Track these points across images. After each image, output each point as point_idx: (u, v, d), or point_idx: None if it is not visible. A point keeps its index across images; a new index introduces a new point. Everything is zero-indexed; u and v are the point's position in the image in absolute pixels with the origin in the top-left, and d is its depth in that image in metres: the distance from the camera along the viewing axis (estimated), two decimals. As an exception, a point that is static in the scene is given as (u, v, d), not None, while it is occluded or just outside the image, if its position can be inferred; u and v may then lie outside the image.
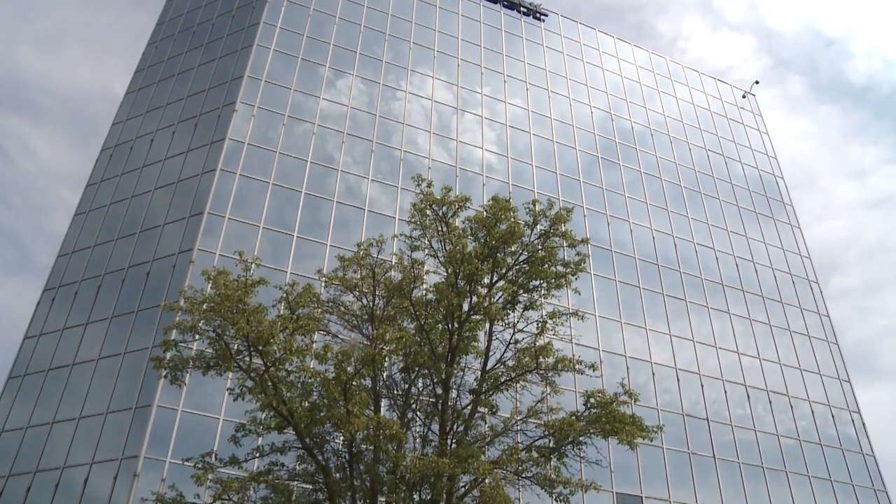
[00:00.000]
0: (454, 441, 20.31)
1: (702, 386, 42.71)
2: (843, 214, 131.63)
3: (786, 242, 54.24)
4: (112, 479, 31.11)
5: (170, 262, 36.34)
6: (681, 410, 41.02)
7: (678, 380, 42.23)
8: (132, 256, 38.36)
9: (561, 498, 20.26)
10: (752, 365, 45.46)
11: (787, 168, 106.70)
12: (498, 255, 21.28)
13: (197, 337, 20.88)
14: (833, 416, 45.75)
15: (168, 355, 21.13)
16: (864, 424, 46.54)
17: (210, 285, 21.17)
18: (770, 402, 44.28)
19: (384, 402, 22.22)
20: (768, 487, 40.80)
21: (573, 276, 21.75)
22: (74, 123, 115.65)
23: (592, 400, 20.49)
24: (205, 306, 20.27)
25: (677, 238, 49.65)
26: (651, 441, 21.96)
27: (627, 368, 40.50)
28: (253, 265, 21.33)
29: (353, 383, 18.93)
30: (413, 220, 22.18)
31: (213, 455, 21.24)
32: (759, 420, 43.27)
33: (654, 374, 41.70)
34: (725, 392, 43.31)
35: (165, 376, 21.62)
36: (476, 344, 21.86)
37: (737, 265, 50.41)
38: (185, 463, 21.89)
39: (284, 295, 21.83)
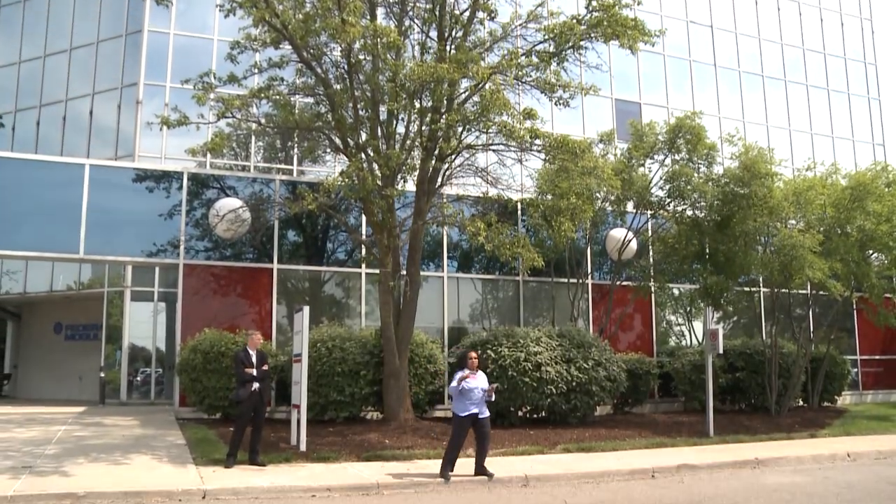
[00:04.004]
0: (453, 47, 19.97)
1: (707, -12, 41.13)
2: None
3: None
4: (116, 108, 31.59)
5: None
6: (685, 17, 39.92)
7: (682, -19, 40.54)
8: None
9: (560, 101, 20.32)
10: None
11: None
12: None
13: (176, -49, 19.67)
14: (842, 24, 44.76)
15: (148, -29, 20.10)
16: (873, 32, 45.76)
17: None
18: (778, 9, 43.02)
19: (380, 11, 21.45)
20: (765, 95, 41.32)
21: None
22: None
23: (595, 3, 19.70)
24: (179, -85, 18.80)
25: None
26: (652, 45, 21.57)
27: (632, -27, 38.52)
28: None
29: (347, -10, 18.06)
30: None
31: (212, 75, 21.05)
32: (764, 29, 42.41)
33: (657, -24, 39.86)
34: (733, -3, 41.88)
35: (150, -5, 20.80)
36: (473, -57, 20.50)
37: None
38: (185, 85, 21.74)
39: None
